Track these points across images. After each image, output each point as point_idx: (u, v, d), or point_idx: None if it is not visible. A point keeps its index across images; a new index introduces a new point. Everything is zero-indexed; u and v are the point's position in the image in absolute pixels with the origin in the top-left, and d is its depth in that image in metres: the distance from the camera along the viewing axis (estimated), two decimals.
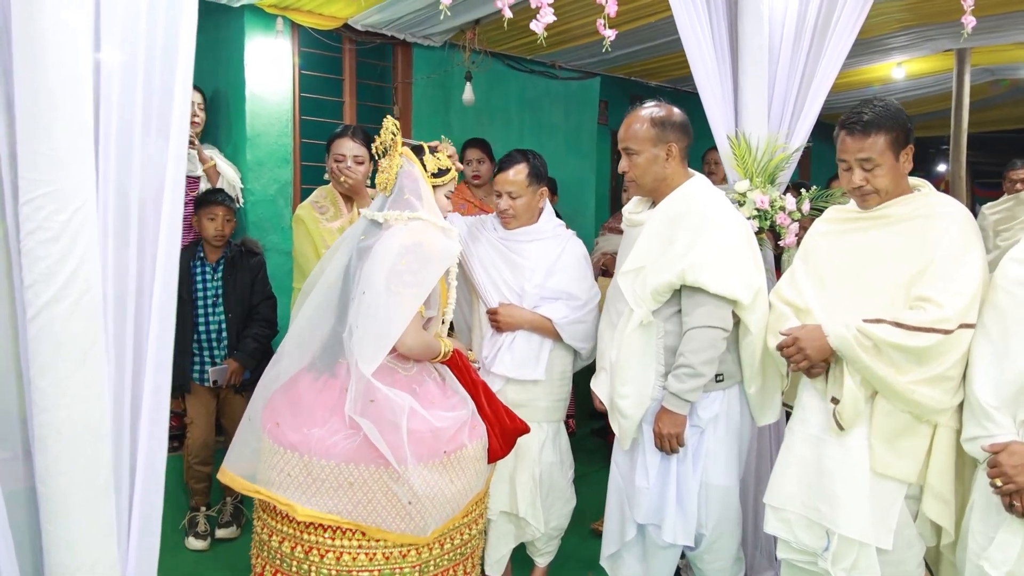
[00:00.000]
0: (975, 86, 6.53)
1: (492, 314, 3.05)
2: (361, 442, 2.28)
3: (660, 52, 5.46)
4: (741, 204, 3.19)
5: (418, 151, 2.60)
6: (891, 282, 2.28)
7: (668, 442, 2.61)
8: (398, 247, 2.39)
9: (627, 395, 2.67)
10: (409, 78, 5.08)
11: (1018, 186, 5.67)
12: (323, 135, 4.71)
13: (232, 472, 2.52)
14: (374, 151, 2.62)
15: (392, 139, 2.57)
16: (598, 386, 2.87)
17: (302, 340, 2.53)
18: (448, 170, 2.64)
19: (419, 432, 2.32)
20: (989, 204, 5.94)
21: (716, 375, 2.64)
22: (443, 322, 2.67)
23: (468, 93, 4.83)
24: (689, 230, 2.59)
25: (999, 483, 1.99)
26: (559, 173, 5.55)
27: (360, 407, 2.30)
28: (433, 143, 2.66)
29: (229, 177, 4.23)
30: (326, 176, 3.60)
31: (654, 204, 2.77)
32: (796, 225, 3.22)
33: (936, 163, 11.35)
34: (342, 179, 3.45)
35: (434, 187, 2.59)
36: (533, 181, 3.05)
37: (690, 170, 2.79)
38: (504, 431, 2.61)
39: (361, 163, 3.49)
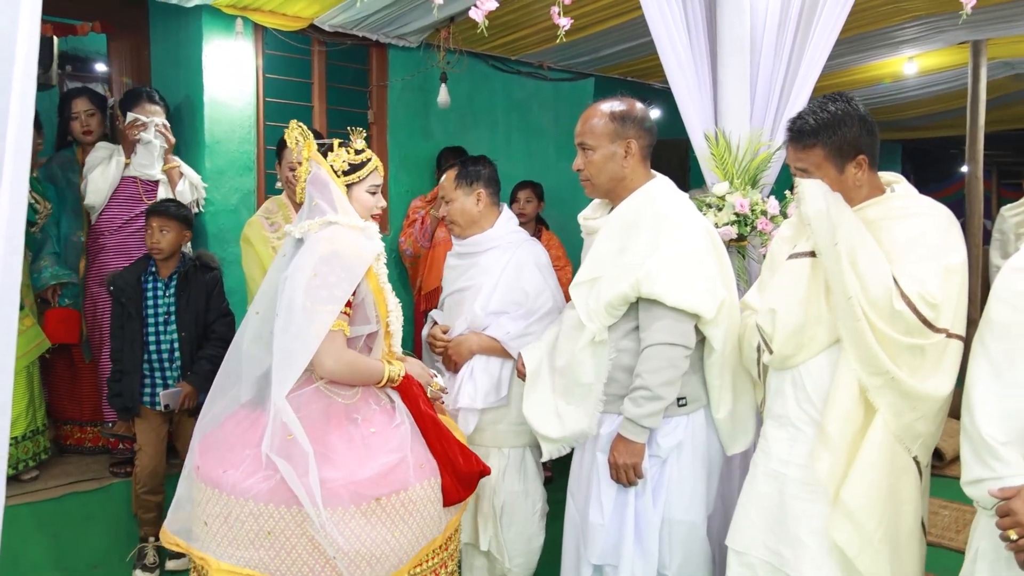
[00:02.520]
0: (994, 81, 6.18)
1: (443, 352, 2.94)
2: (279, 481, 2.04)
3: (655, 49, 5.18)
4: (720, 208, 2.91)
5: (325, 151, 2.36)
6: None
7: (624, 473, 2.37)
8: (314, 260, 2.17)
9: (567, 415, 2.45)
10: (384, 81, 4.84)
11: None
12: None
13: (169, 529, 2.29)
14: (295, 158, 2.38)
15: (297, 144, 2.32)
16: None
17: (237, 377, 2.30)
18: (363, 164, 2.35)
19: (336, 480, 2.06)
20: (1009, 205, 5.63)
21: (678, 398, 2.40)
22: (390, 334, 2.39)
23: (443, 95, 4.58)
24: (645, 236, 2.37)
25: (1013, 536, 1.67)
26: (548, 178, 5.29)
27: (277, 444, 2.06)
28: (340, 140, 2.39)
29: (194, 179, 4.00)
30: (278, 185, 3.31)
31: (612, 209, 2.51)
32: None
33: (957, 164, 10.93)
34: (298, 190, 3.11)
35: (349, 186, 2.33)
36: (463, 183, 2.94)
37: (652, 171, 2.53)
38: (459, 473, 2.31)
39: None
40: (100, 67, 5.46)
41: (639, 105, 2.51)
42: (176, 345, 3.52)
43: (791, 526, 2.05)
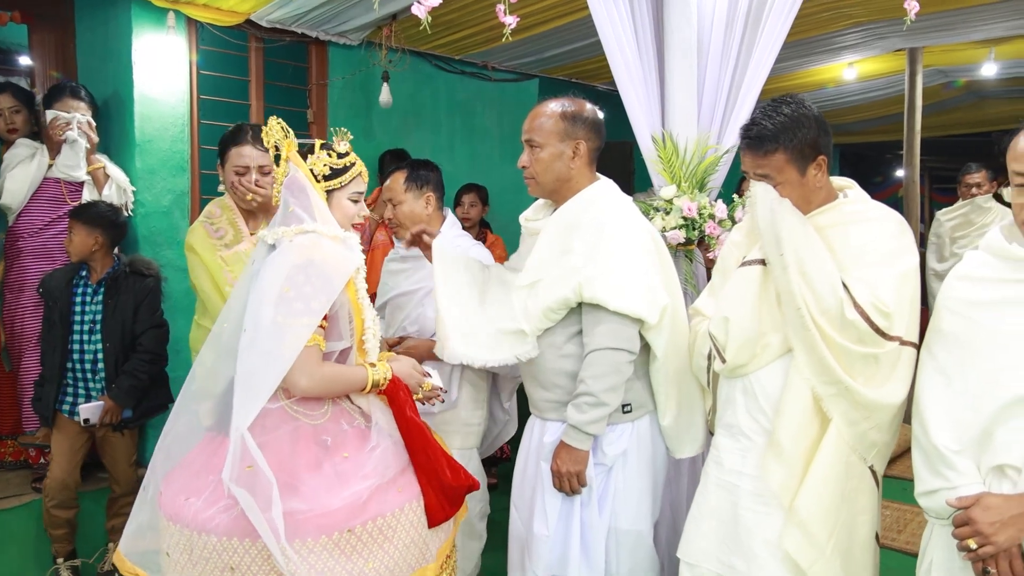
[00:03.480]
0: (929, 88, 6.32)
1: None
2: (241, 513, 1.85)
3: (601, 51, 5.14)
4: (668, 212, 2.87)
5: (305, 153, 2.16)
6: None
7: (568, 482, 2.30)
8: (286, 269, 1.97)
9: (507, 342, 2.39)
10: (324, 79, 4.71)
11: (973, 191, 5.49)
12: None
13: (123, 551, 2.11)
14: (271, 157, 2.18)
15: (284, 140, 2.10)
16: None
17: (203, 394, 2.11)
18: (346, 168, 2.15)
19: (303, 512, 1.88)
20: (944, 210, 5.75)
21: (623, 405, 2.35)
22: (364, 351, 2.19)
23: (385, 94, 4.47)
24: (587, 239, 2.31)
25: (972, 545, 1.64)
26: (492, 180, 5.22)
27: (236, 473, 1.87)
28: (322, 140, 2.19)
29: (120, 180, 3.80)
30: (220, 187, 3.10)
31: (555, 210, 2.46)
32: (728, 235, 2.89)
33: (893, 168, 11.19)
34: (248, 196, 2.90)
35: (329, 191, 2.13)
36: (413, 186, 2.88)
37: (597, 174, 2.48)
38: (445, 488, 2.11)
39: (268, 172, 2.91)
40: (24, 60, 5.20)
41: (590, 106, 2.46)
42: (99, 355, 3.35)
43: (744, 538, 2.00)
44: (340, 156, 2.14)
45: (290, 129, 2.12)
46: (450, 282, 2.48)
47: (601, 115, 2.48)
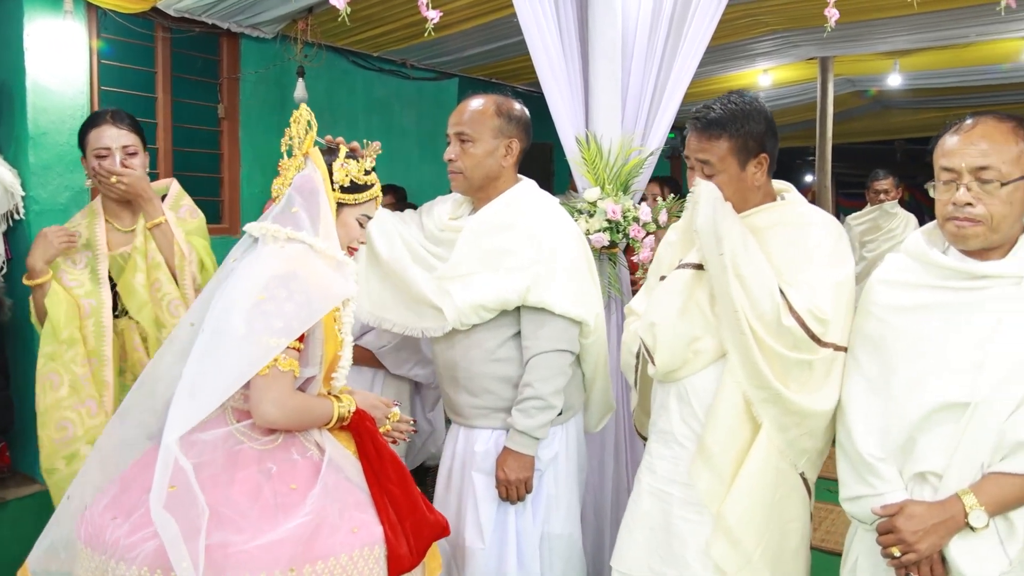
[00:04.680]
0: (839, 96, 6.53)
1: None
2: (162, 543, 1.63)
3: (522, 51, 5.11)
4: (592, 214, 2.83)
5: (330, 153, 1.97)
6: None
7: (516, 489, 2.24)
8: (266, 277, 1.77)
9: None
10: (236, 73, 4.51)
11: (881, 196, 5.66)
12: None
13: (31, 568, 1.85)
14: (282, 147, 1.97)
15: (305, 133, 1.92)
16: None
17: (149, 399, 1.88)
18: (368, 186, 1.98)
19: (236, 544, 1.65)
20: (854, 215, 5.92)
21: None
22: (331, 385, 1.97)
23: (300, 90, 4.32)
24: (526, 241, 2.27)
25: (896, 552, 1.64)
26: (410, 180, 5.12)
27: (164, 494, 1.64)
28: (354, 144, 2.01)
29: (7, 182, 3.54)
30: (88, 183, 2.78)
31: (474, 210, 2.41)
32: (652, 239, 2.87)
33: (803, 174, 11.55)
34: (113, 179, 2.57)
35: (340, 204, 1.94)
36: None
37: (519, 175, 2.43)
38: (418, 527, 1.88)
39: (134, 154, 2.62)
40: None
41: (521, 106, 2.42)
42: None
43: (676, 547, 1.96)
44: (366, 173, 1.98)
45: (316, 123, 1.93)
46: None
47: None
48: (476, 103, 2.36)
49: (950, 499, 1.61)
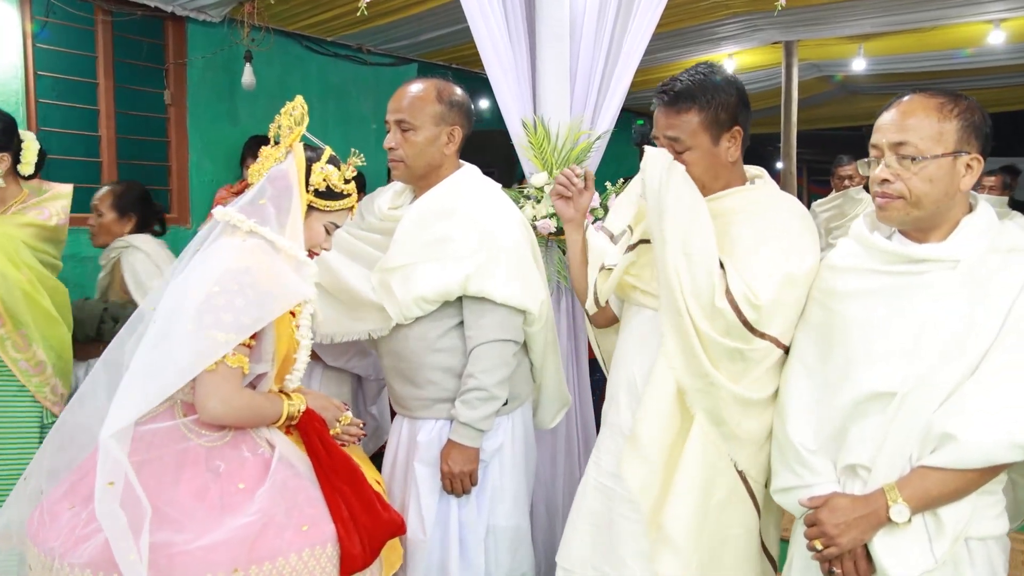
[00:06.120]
0: (804, 82, 6.47)
1: None
2: (107, 541, 1.57)
3: None
4: (539, 200, 2.75)
5: (313, 153, 1.93)
6: None
7: (460, 482, 2.18)
8: (220, 270, 1.73)
9: None
10: (183, 58, 4.39)
11: (846, 182, 5.63)
12: (71, 123, 3.99)
13: None
14: (270, 133, 1.92)
15: (295, 126, 1.87)
16: None
17: (107, 384, 1.82)
18: (343, 195, 1.94)
19: (178, 544, 1.60)
20: (819, 201, 5.89)
21: None
22: (283, 386, 1.93)
23: (248, 76, 4.20)
24: (466, 228, 2.19)
25: (819, 546, 1.58)
26: (368, 168, 4.93)
27: (102, 493, 1.58)
28: (339, 158, 1.97)
29: None
30: None
31: (415, 199, 2.31)
32: (601, 224, 2.79)
33: (774, 161, 11.51)
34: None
35: (311, 207, 1.90)
36: None
37: (460, 160, 2.35)
38: (373, 526, 1.85)
39: None
40: None
41: (462, 91, 2.33)
42: None
43: (617, 546, 1.89)
44: (345, 181, 1.95)
45: (308, 117, 1.89)
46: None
47: (480, 102, 2.35)
48: (416, 88, 2.27)
49: (874, 493, 1.55)
